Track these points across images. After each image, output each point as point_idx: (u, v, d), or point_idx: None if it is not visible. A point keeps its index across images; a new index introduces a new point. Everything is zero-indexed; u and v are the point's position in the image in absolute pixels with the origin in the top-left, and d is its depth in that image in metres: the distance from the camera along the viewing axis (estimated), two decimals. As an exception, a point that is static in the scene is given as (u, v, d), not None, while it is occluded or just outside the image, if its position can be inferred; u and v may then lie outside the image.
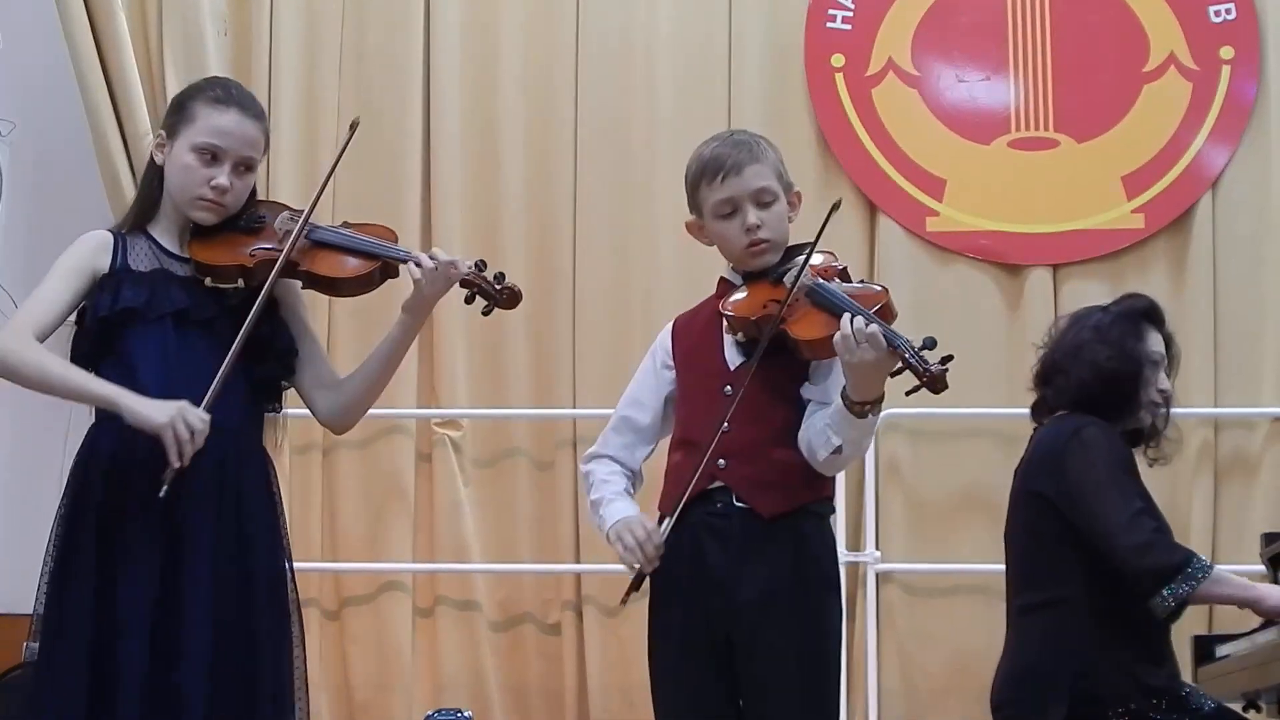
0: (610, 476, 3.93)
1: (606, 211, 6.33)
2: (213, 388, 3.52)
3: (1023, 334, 6.15)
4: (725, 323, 3.81)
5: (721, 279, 3.94)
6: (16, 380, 3.60)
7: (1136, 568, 3.99)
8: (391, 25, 6.41)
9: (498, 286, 3.72)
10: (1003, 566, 4.36)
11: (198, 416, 3.46)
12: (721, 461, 3.73)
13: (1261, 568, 5.00)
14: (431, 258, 3.70)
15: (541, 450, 6.28)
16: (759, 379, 3.69)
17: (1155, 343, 4.28)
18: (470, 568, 6.20)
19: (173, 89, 6.09)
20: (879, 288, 3.77)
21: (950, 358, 3.53)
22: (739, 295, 3.81)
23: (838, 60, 6.36)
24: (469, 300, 3.76)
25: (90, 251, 3.67)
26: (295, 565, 3.74)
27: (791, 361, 3.74)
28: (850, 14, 6.37)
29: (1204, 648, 4.85)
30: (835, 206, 3.76)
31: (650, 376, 3.97)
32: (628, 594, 3.76)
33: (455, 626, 6.19)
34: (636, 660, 5.97)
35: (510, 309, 3.79)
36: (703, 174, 3.86)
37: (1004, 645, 4.25)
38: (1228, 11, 6.26)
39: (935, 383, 3.52)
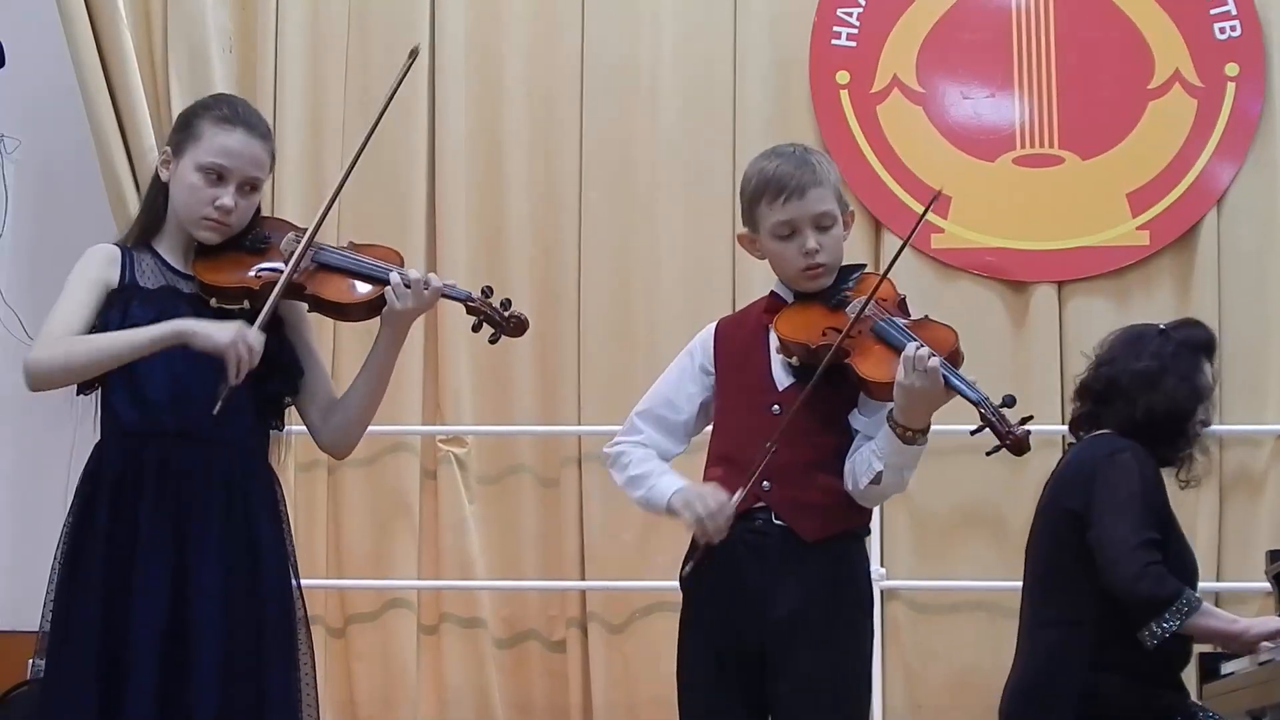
0: (648, 456, 3.85)
1: (611, 228, 6.33)
2: (221, 399, 3.52)
3: (1028, 351, 6.16)
4: (779, 344, 3.76)
5: (771, 293, 3.88)
6: (73, 376, 3.58)
7: (1128, 596, 4.00)
8: (396, 44, 6.41)
9: (504, 314, 3.71)
10: (1008, 583, 4.37)
11: (255, 336, 3.50)
12: (766, 484, 3.69)
13: (1267, 585, 5.00)
14: (407, 275, 3.67)
15: (546, 467, 6.28)
16: (810, 402, 3.65)
17: (1209, 376, 4.29)
18: (475, 585, 6.19)
19: (178, 106, 6.09)
20: (949, 330, 3.74)
21: (1030, 418, 3.51)
22: (793, 316, 3.77)
23: (842, 77, 6.37)
24: (476, 329, 3.73)
25: (101, 264, 3.67)
26: (301, 582, 3.73)
27: (845, 387, 3.70)
28: (855, 31, 6.37)
29: (1209, 665, 4.85)
30: (936, 196, 3.84)
31: (687, 378, 3.91)
32: (694, 568, 3.70)
33: (460, 643, 6.19)
34: (641, 677, 6.03)
35: (516, 337, 3.77)
36: (764, 191, 3.79)
37: (1014, 656, 4.25)
38: (1233, 29, 6.27)
39: (1019, 445, 3.49)
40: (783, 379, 3.76)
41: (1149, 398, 4.20)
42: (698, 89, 6.39)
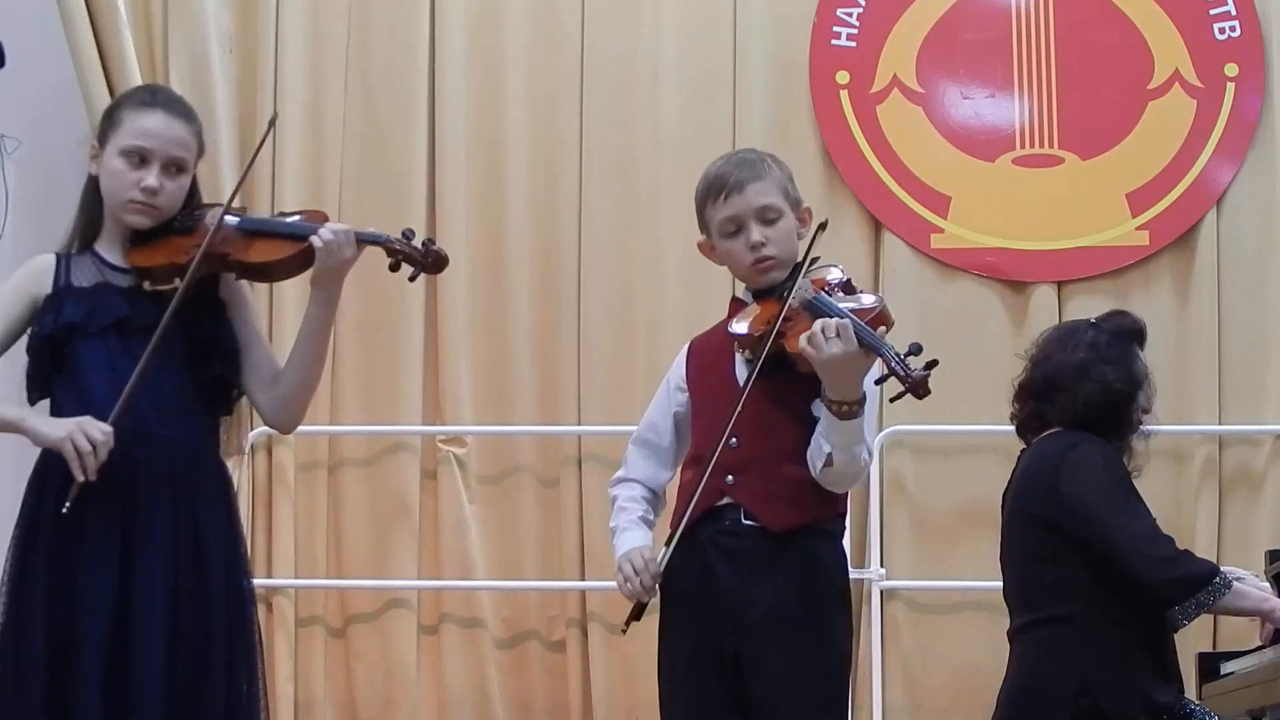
0: (629, 503, 3.94)
1: (611, 229, 6.34)
2: (129, 384, 3.51)
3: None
4: (735, 342, 3.81)
5: (733, 299, 3.95)
6: None
7: (1163, 578, 4.01)
8: (396, 45, 6.42)
9: (421, 250, 3.69)
10: (1007, 583, 4.37)
11: (98, 429, 3.46)
12: (730, 478, 3.73)
13: (1266, 585, 5.00)
14: (329, 228, 3.67)
15: (546, 467, 6.28)
16: (768, 395, 3.69)
17: (1142, 363, 4.32)
18: (475, 585, 6.19)
19: (178, 107, 6.10)
20: (874, 296, 3.78)
21: (934, 363, 3.53)
22: (747, 314, 3.81)
23: (843, 77, 6.37)
24: (394, 268, 3.72)
25: (29, 276, 3.71)
26: (300, 583, 3.73)
27: (801, 377, 3.72)
28: (855, 31, 6.38)
29: (1209, 665, 4.85)
30: (821, 227, 3.79)
31: (664, 398, 3.99)
32: (627, 623, 3.79)
33: (460, 644, 6.19)
34: (642, 677, 6.02)
35: (436, 274, 3.77)
36: (708, 193, 3.87)
37: (1007, 664, 4.26)
38: (1232, 29, 6.27)
39: (917, 387, 3.52)
40: (744, 376, 3.79)
41: (1086, 387, 4.22)
42: (698, 89, 6.39)
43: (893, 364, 3.54)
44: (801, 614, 3.70)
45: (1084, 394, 4.22)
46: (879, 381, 3.61)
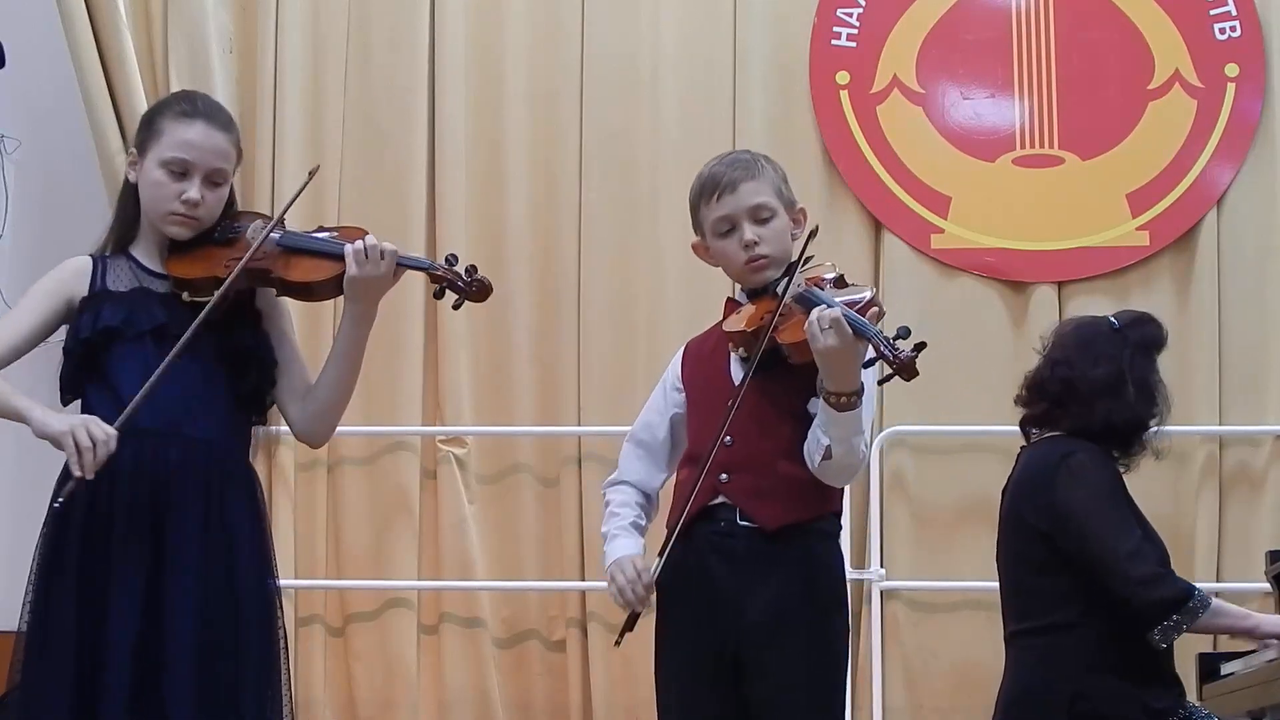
0: (621, 508, 3.93)
1: (611, 229, 6.34)
2: (144, 387, 3.48)
3: (1027, 351, 6.09)
4: (729, 340, 3.81)
5: (728, 300, 3.94)
6: None
7: (1142, 599, 3.99)
8: (396, 44, 6.42)
9: (466, 279, 3.67)
10: (1008, 583, 4.37)
11: (101, 428, 3.41)
12: (724, 476, 3.73)
13: (1267, 585, 5.00)
14: (362, 244, 3.63)
15: (546, 467, 6.28)
16: (762, 392, 3.69)
17: (1160, 374, 4.27)
18: (475, 585, 6.20)
19: (178, 106, 6.11)
20: (867, 288, 3.75)
21: (923, 345, 3.49)
22: (742, 313, 3.82)
23: (843, 78, 6.37)
24: (438, 295, 3.70)
25: (65, 277, 3.66)
26: (300, 582, 3.73)
27: (796, 375, 3.72)
28: (855, 31, 6.38)
29: (1209, 666, 4.85)
30: (812, 234, 3.79)
31: (660, 399, 3.98)
32: (621, 635, 3.75)
33: (460, 644, 6.19)
34: (641, 678, 5.98)
35: (480, 302, 3.72)
36: (701, 193, 3.88)
37: (1004, 669, 4.25)
38: (1233, 29, 6.27)
39: (905, 369, 3.48)
40: (739, 376, 3.79)
41: (1109, 406, 4.15)
42: (698, 89, 6.39)
43: (881, 348, 3.52)
44: (799, 614, 3.69)
45: (1102, 412, 4.15)
46: (867, 364, 3.59)
